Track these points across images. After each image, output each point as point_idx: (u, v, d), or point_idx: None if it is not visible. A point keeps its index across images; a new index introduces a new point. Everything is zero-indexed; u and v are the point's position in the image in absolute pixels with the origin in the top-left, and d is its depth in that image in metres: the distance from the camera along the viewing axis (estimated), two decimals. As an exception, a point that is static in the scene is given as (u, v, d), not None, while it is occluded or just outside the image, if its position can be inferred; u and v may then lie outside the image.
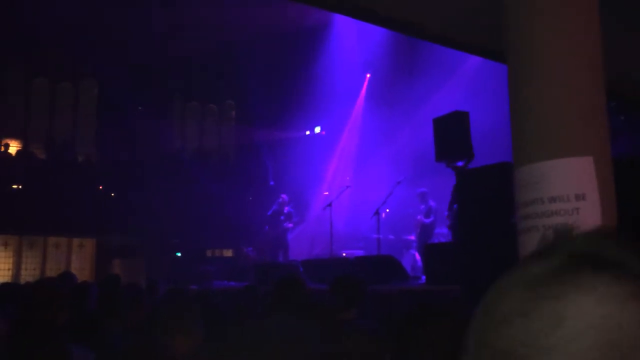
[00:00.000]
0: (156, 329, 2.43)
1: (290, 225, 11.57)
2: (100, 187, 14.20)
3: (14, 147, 14.83)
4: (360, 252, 11.33)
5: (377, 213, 9.52)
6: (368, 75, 14.32)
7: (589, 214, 1.82)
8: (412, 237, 10.88)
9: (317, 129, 15.69)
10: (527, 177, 1.92)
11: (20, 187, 14.03)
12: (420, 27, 2.77)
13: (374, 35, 12.44)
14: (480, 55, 2.95)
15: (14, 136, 15.02)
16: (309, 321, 2.99)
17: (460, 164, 7.60)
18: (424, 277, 8.14)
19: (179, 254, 11.80)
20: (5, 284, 5.78)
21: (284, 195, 11.92)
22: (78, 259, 14.91)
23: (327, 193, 12.77)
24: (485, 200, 6.06)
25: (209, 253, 13.45)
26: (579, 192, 1.85)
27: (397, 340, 1.65)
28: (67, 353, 2.28)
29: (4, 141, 14.50)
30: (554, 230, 0.59)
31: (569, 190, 1.84)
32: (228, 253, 14.69)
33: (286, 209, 11.65)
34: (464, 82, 11.14)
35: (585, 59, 1.92)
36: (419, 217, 10.02)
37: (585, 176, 1.84)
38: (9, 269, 14.12)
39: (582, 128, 1.88)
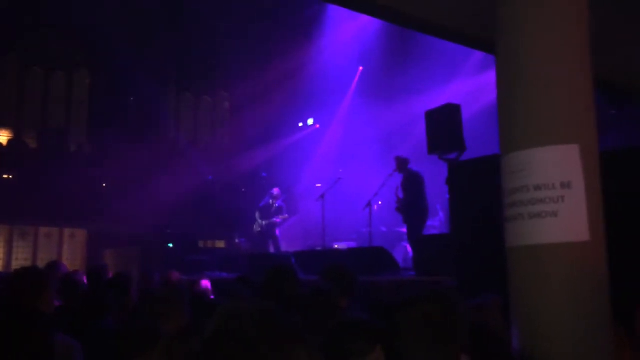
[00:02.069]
0: (145, 313, 2.44)
1: (278, 220, 11.47)
2: (92, 177, 14.14)
3: (5, 136, 14.74)
4: (352, 244, 11.33)
5: (369, 205, 9.52)
6: (360, 68, 14.32)
7: (574, 202, 1.82)
8: (404, 230, 10.90)
9: (310, 121, 15.68)
10: (513, 165, 1.91)
11: (11, 176, 13.96)
12: (412, 17, 2.77)
13: (367, 28, 12.42)
14: (470, 46, 2.96)
15: (6, 125, 14.92)
16: (299, 308, 2.99)
17: (452, 156, 7.61)
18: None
19: (171, 245, 11.77)
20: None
21: (276, 189, 11.86)
22: (70, 249, 14.87)
23: (319, 185, 12.76)
24: (477, 193, 6.07)
25: (201, 244, 13.44)
26: (564, 180, 1.83)
27: (388, 330, 1.66)
28: (50, 342, 2.24)
29: (-4, 130, 14.41)
30: None
31: (554, 178, 1.83)
32: (220, 244, 14.69)
33: (277, 203, 11.60)
34: (458, 74, 11.15)
35: (573, 48, 1.93)
36: (411, 209, 10.01)
37: (571, 164, 1.83)
38: (0, 259, 14.08)
39: (569, 116, 1.88)
